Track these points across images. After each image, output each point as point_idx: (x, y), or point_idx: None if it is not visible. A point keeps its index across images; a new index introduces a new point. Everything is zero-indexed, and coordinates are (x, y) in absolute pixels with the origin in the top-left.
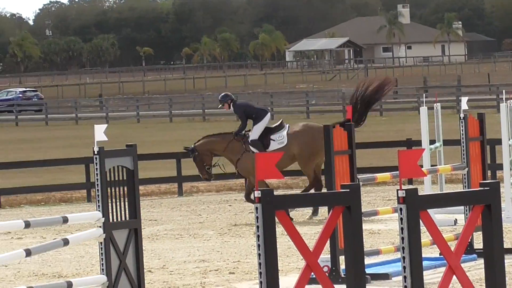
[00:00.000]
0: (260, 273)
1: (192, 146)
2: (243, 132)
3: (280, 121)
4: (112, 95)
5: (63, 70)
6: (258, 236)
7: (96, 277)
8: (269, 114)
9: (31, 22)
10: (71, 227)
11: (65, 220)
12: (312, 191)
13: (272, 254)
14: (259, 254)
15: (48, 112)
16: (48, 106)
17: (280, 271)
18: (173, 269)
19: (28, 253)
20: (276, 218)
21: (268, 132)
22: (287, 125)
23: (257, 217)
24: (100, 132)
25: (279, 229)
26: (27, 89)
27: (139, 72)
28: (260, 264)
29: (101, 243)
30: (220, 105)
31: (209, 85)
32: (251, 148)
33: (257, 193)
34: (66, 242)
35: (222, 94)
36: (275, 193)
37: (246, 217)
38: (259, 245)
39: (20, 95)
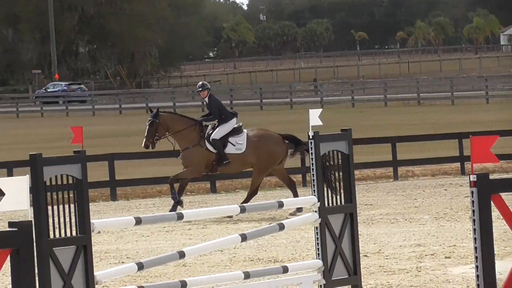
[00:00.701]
0: (476, 257)
1: (157, 111)
2: (206, 124)
3: (239, 124)
4: (326, 79)
5: (277, 55)
6: (474, 220)
7: (312, 261)
8: (235, 119)
9: (245, 7)
10: (287, 211)
11: (281, 204)
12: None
13: (488, 238)
14: (475, 238)
15: (262, 97)
16: (263, 91)
17: (496, 255)
18: (388, 253)
19: (244, 238)
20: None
21: (227, 133)
22: (245, 131)
23: (472, 201)
24: (315, 117)
25: (495, 213)
26: (71, 82)
27: (353, 56)
28: (476, 248)
29: (316, 227)
30: (199, 90)
31: (423, 69)
32: (208, 145)
33: (472, 177)
34: (281, 227)
35: (202, 82)
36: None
37: (462, 201)
38: (475, 229)
39: (65, 88)
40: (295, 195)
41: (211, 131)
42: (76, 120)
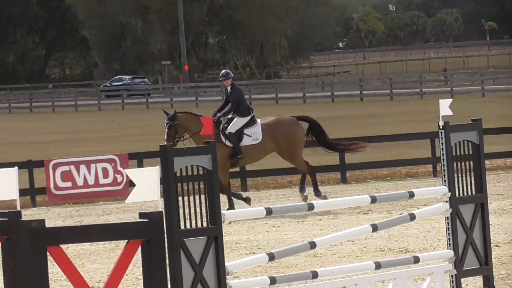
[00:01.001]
0: None
1: (174, 113)
2: (220, 117)
3: (253, 115)
4: (456, 69)
5: (407, 45)
6: None
7: (443, 252)
8: (252, 115)
9: None
10: (417, 202)
11: (411, 195)
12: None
13: None
14: None
15: (392, 88)
16: (392, 81)
17: None
18: None
19: (375, 228)
20: None
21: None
22: (258, 120)
23: None
24: (445, 107)
25: None
26: (135, 76)
27: (483, 46)
28: None
29: (447, 218)
30: (222, 78)
31: None
32: (223, 139)
33: None
34: (412, 217)
35: (225, 71)
36: None
37: None
38: None
39: (130, 82)
40: (314, 182)
41: (226, 125)
42: (205, 111)
